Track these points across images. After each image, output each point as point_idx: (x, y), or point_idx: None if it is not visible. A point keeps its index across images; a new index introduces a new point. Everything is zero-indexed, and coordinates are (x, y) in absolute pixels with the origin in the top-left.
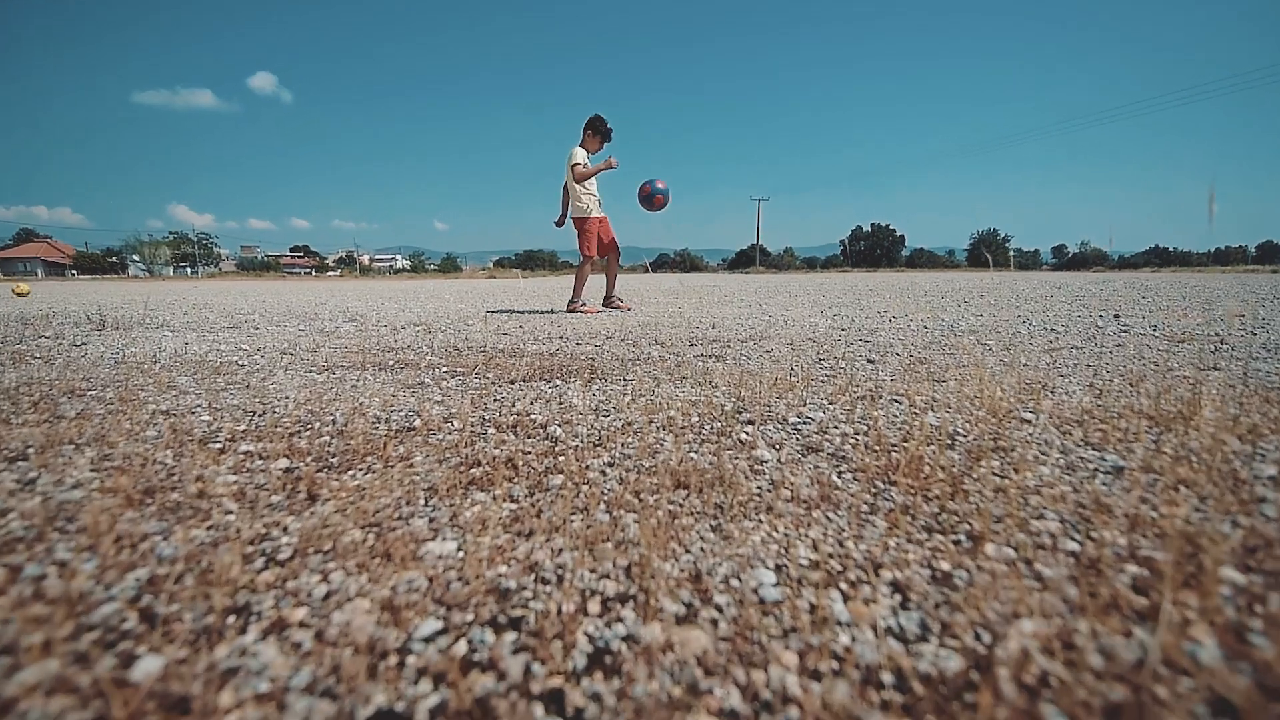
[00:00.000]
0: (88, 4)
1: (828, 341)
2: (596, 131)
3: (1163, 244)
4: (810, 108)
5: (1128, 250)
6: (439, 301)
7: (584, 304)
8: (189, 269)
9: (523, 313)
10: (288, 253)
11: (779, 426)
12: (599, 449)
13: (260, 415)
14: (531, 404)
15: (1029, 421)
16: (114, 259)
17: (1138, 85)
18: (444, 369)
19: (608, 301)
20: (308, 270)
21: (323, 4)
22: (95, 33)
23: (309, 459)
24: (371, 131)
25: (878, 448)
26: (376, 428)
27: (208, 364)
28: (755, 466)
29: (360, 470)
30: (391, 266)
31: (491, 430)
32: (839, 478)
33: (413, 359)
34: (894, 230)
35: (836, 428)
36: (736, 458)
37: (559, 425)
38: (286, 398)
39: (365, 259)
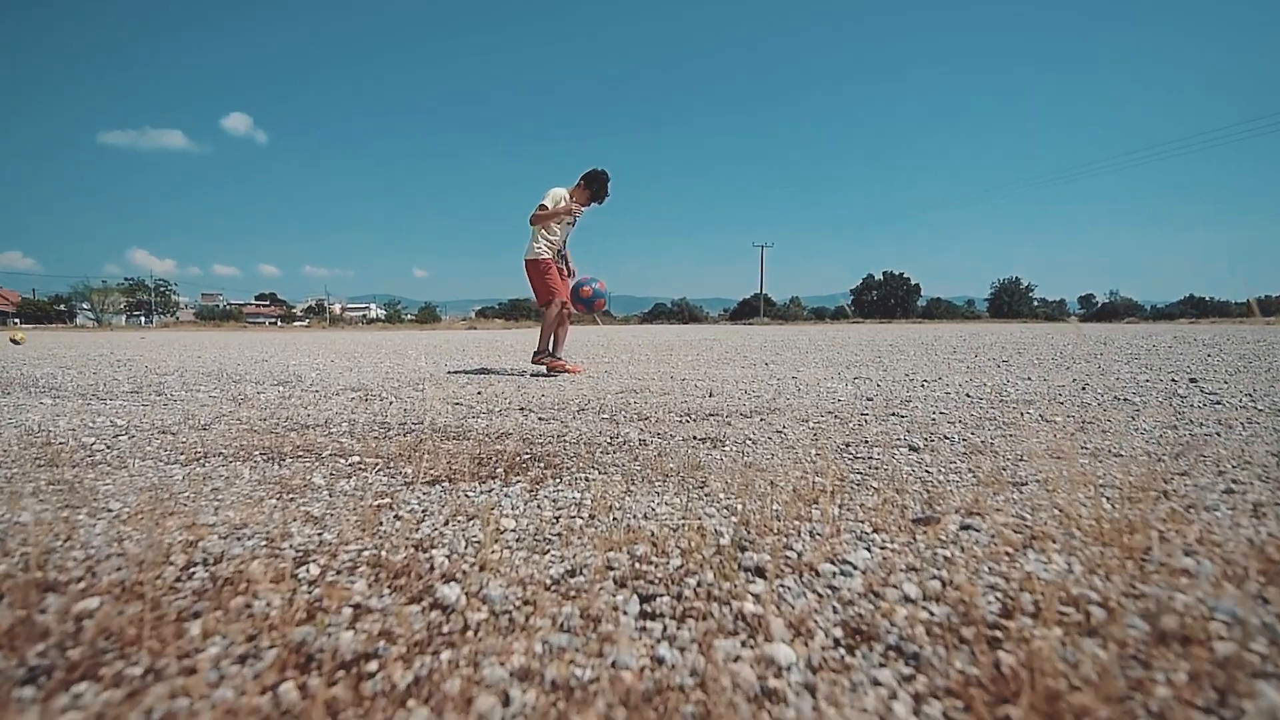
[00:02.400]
0: (57, 44)
1: (853, 416)
2: (590, 185)
3: (1197, 293)
4: (815, 148)
5: (1160, 300)
6: (399, 358)
7: (563, 360)
8: (143, 318)
9: (488, 373)
10: (252, 301)
11: (804, 581)
12: (512, 635)
13: (38, 548)
14: (444, 526)
15: (1187, 571)
16: (62, 307)
17: (1162, 128)
18: (353, 459)
19: (540, 359)
20: (273, 320)
21: (305, 45)
22: (63, 71)
23: (33, 652)
24: (349, 174)
25: (970, 633)
26: (189, 577)
27: (50, 448)
28: (769, 685)
29: (95, 686)
30: (365, 316)
31: (360, 584)
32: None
33: (321, 443)
34: (908, 279)
35: (895, 587)
36: (736, 657)
37: (464, 574)
38: (107, 510)
39: (337, 308)
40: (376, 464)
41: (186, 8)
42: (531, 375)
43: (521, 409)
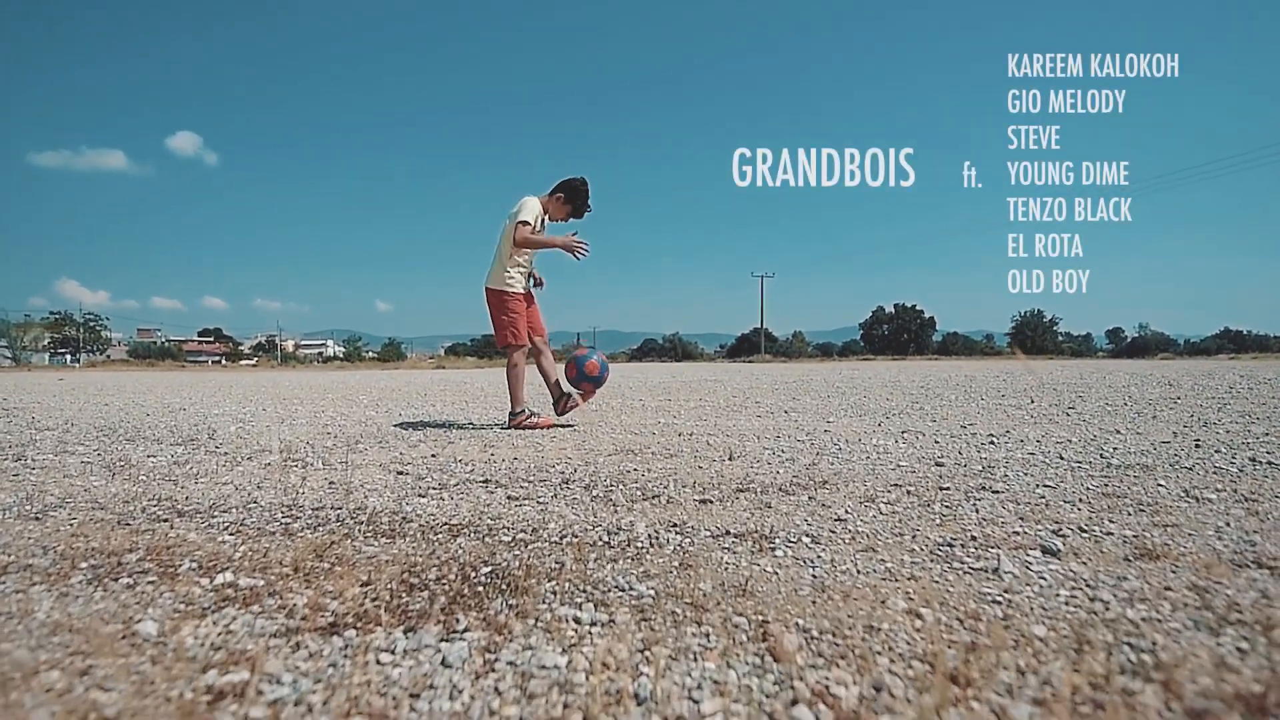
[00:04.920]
0: None
1: (931, 492)
2: (570, 200)
3: (1232, 325)
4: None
5: (1193, 334)
6: (345, 405)
7: (530, 414)
8: (69, 356)
9: (449, 427)
10: (195, 337)
11: None
12: None
13: None
14: None
15: None
16: None
17: (1190, 151)
18: (222, 577)
19: (564, 405)
20: (217, 358)
21: (260, 59)
22: None
23: None
24: (307, 199)
25: None
26: None
27: None
28: None
29: None
30: (321, 354)
31: None
32: None
33: (190, 543)
34: (922, 311)
35: None
36: None
37: None
38: None
39: (290, 345)
40: (254, 588)
41: (131, 16)
42: (504, 429)
43: (486, 481)
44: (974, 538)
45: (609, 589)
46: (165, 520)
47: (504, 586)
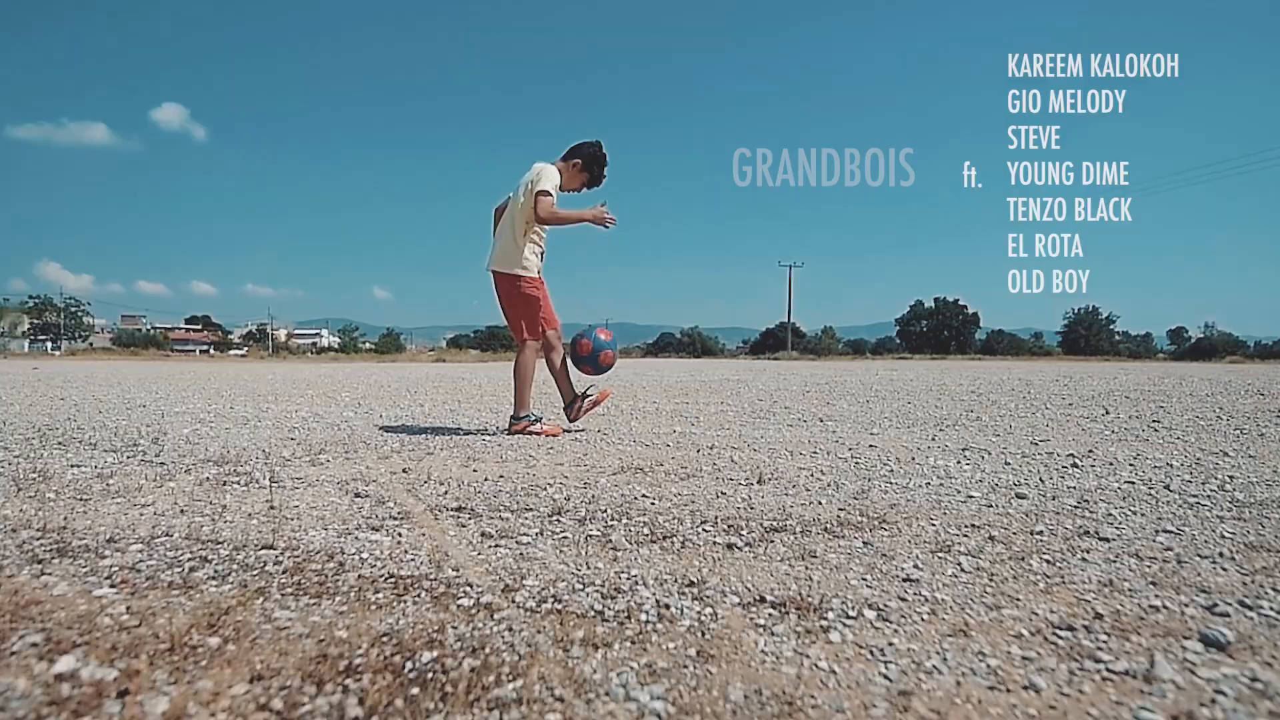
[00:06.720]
0: None
1: (1017, 536)
2: (587, 166)
3: None
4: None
5: (1264, 335)
6: (323, 404)
7: (536, 419)
8: (50, 343)
9: (433, 433)
10: (182, 324)
11: None
12: None
13: None
14: None
15: None
16: None
17: (1203, 149)
18: (64, 663)
19: (576, 410)
20: (204, 347)
21: (251, 25)
22: None
23: None
24: (301, 177)
25: None
26: None
27: None
28: None
29: None
30: (315, 344)
31: None
32: None
33: (54, 598)
34: (965, 306)
35: None
36: None
37: None
38: None
39: (282, 334)
40: (99, 683)
41: None
42: (492, 436)
43: (459, 509)
44: (1099, 615)
45: (595, 697)
46: (40, 561)
47: (446, 688)
